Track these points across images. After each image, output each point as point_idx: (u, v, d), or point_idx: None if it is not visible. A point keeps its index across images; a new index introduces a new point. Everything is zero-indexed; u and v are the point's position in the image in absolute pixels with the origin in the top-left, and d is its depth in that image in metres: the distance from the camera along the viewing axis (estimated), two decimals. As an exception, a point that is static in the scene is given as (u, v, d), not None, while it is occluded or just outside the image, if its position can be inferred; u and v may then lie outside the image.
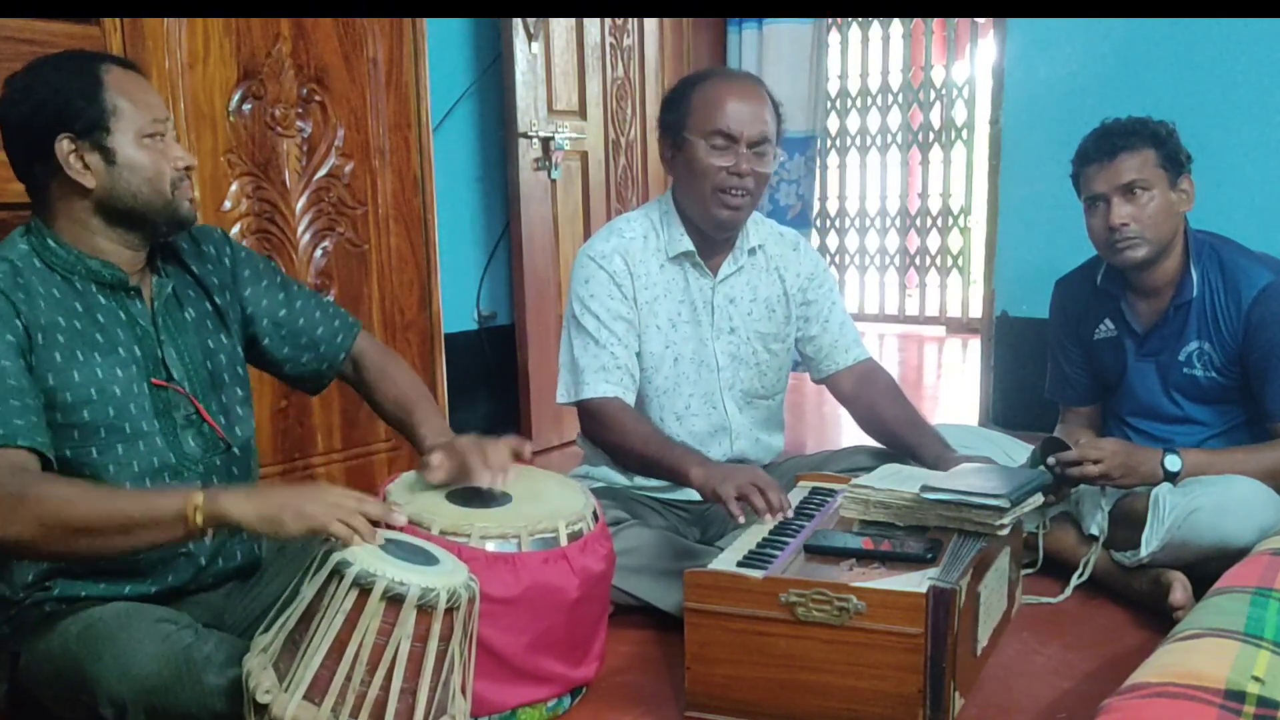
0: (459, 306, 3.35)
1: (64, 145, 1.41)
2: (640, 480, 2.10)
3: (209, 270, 1.62)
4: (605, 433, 2.02)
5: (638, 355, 2.08)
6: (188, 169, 1.50)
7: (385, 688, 1.23)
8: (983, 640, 1.70)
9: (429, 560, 1.33)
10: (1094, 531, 2.05)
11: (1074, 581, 2.05)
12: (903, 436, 2.09)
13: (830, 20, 4.96)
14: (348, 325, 1.76)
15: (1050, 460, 1.96)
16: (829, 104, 5.80)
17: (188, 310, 1.58)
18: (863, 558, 1.62)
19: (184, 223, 1.52)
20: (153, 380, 1.50)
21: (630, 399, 2.05)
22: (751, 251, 2.14)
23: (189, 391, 1.53)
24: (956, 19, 5.63)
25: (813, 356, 2.23)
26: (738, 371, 2.15)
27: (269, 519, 1.30)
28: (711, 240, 2.09)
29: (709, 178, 1.99)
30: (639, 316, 2.07)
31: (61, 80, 1.42)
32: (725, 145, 1.97)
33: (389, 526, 1.37)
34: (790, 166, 4.74)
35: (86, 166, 1.42)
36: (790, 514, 1.77)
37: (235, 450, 1.59)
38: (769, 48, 4.67)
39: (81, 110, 1.41)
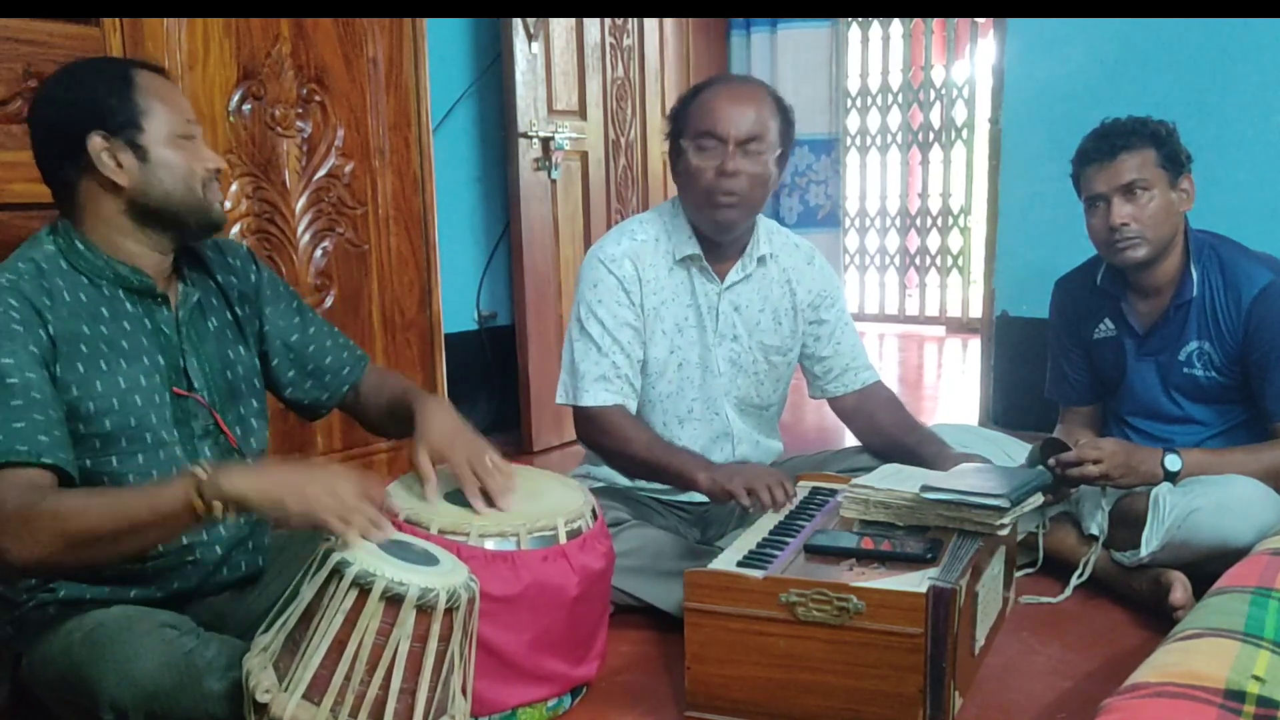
0: (459, 306, 3.35)
1: (96, 142, 1.40)
2: (641, 480, 2.10)
3: (233, 281, 1.62)
4: (604, 439, 2.02)
5: (643, 360, 2.07)
6: (217, 171, 1.51)
7: (384, 688, 1.23)
8: (980, 640, 1.70)
9: (429, 560, 1.33)
10: (1094, 531, 2.05)
11: (1074, 581, 2.05)
12: (899, 438, 2.09)
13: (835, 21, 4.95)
14: (356, 359, 1.77)
15: (1050, 461, 1.96)
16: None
17: (211, 319, 1.58)
18: (863, 558, 1.62)
19: (215, 224, 1.52)
20: (174, 389, 1.49)
21: (631, 406, 2.04)
22: (761, 260, 2.12)
23: (208, 401, 1.53)
24: (956, 19, 5.63)
25: (820, 376, 2.21)
26: (735, 379, 2.14)
27: (270, 497, 1.29)
28: (718, 245, 2.07)
29: (698, 180, 1.97)
30: (645, 322, 2.06)
31: (94, 80, 1.43)
32: (712, 146, 1.95)
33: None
34: (818, 168, 4.75)
35: (119, 164, 1.42)
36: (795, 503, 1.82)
37: (249, 462, 1.58)
38: (783, 51, 4.65)
39: (114, 108, 1.41)
